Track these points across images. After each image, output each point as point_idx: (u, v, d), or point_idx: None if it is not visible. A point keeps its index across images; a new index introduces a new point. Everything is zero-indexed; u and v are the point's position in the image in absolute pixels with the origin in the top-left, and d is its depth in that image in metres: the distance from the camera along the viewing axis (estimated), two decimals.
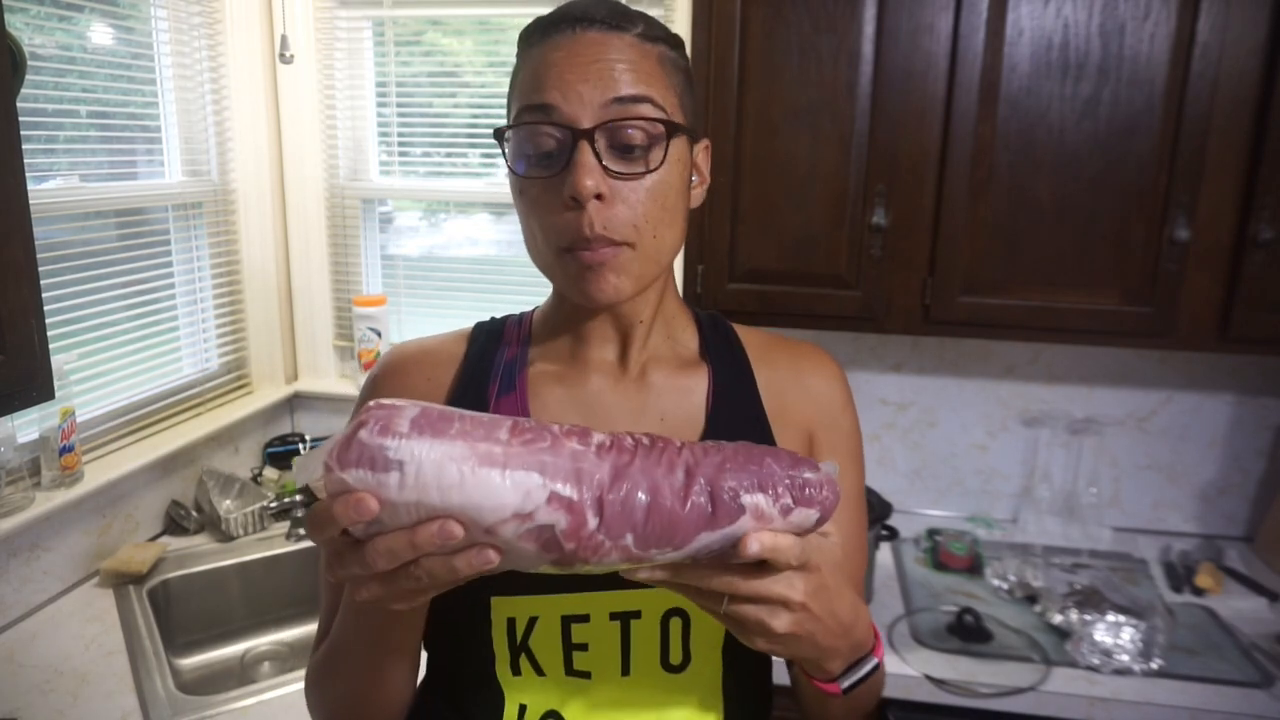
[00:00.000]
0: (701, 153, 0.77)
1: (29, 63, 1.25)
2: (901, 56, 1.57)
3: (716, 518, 0.54)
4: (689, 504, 0.54)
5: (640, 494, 0.53)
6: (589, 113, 0.67)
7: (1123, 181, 1.55)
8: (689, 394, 0.79)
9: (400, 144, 2.19)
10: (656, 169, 0.69)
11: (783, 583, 0.56)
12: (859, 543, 0.82)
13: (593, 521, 0.53)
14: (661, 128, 0.68)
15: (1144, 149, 1.53)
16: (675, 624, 0.73)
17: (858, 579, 0.83)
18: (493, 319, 0.85)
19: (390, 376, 0.79)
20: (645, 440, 0.57)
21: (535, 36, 0.72)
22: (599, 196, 0.66)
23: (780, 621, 0.57)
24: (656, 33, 0.72)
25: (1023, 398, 2.01)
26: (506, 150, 0.72)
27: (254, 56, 2.06)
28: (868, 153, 1.62)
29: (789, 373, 0.82)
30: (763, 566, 0.56)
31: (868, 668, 0.66)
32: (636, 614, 0.73)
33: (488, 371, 0.78)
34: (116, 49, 1.80)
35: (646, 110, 0.68)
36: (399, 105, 2.15)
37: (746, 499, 0.54)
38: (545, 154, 0.68)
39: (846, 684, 0.65)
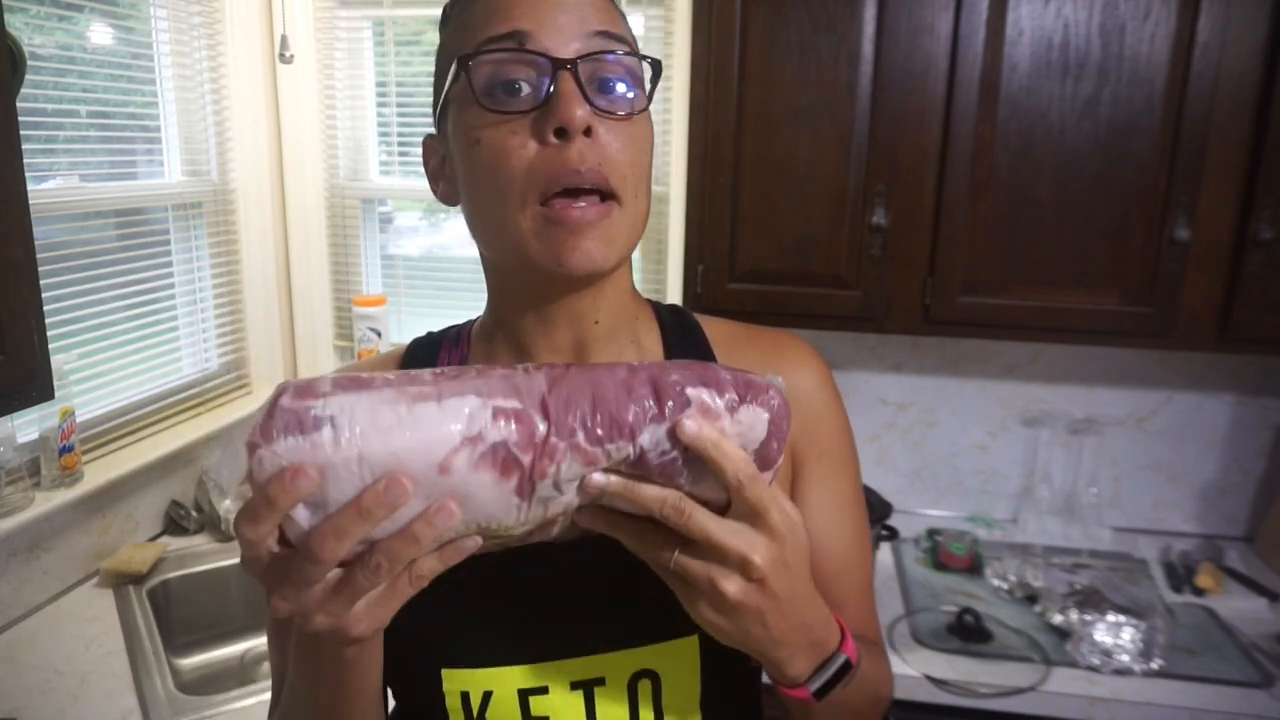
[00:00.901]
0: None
1: (29, 63, 1.25)
2: (901, 56, 1.57)
3: (661, 409, 0.50)
4: (632, 396, 0.50)
5: (583, 388, 0.50)
6: (568, 41, 0.58)
7: (1123, 181, 1.55)
8: None
9: (400, 144, 2.19)
10: (643, 110, 0.61)
11: (743, 537, 0.51)
12: (861, 547, 0.76)
13: (541, 425, 0.49)
14: (646, 67, 0.61)
15: (1144, 149, 1.53)
16: (644, 687, 0.66)
17: (864, 585, 0.76)
18: (430, 334, 0.77)
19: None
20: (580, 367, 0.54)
21: None
22: (587, 132, 0.57)
23: (732, 585, 0.51)
24: None
25: (1023, 398, 2.01)
26: (452, 89, 0.61)
27: (254, 56, 2.06)
28: (868, 153, 1.62)
29: (761, 371, 0.76)
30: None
31: (837, 664, 0.58)
32: (600, 680, 0.66)
33: None
34: (116, 49, 1.80)
35: (628, 50, 0.61)
36: (399, 105, 2.15)
37: (691, 391, 0.51)
38: (514, 89, 0.58)
39: (816, 685, 0.57)
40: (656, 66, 0.62)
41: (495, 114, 0.59)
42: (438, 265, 2.26)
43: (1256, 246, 1.52)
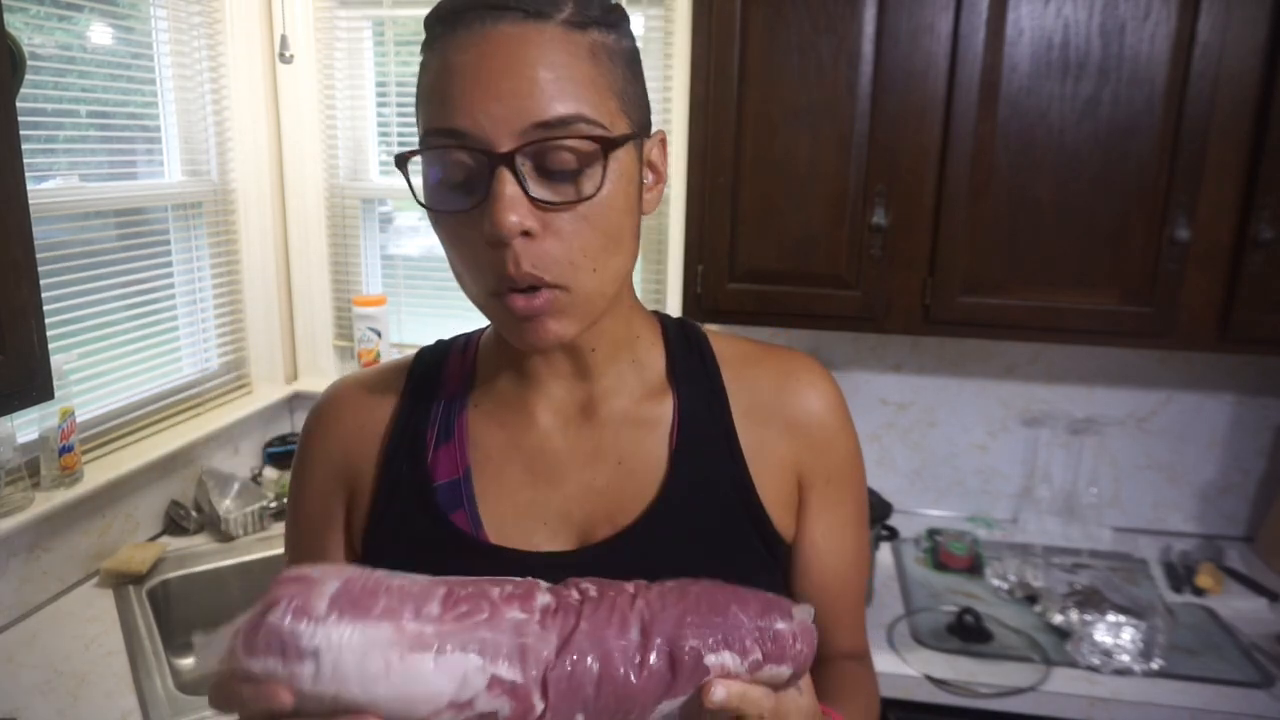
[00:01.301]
0: (656, 147, 0.65)
1: (29, 63, 1.25)
2: (901, 56, 1.57)
3: (676, 683, 0.48)
4: (645, 671, 0.48)
5: (590, 662, 0.48)
6: (506, 135, 0.55)
7: (1123, 181, 1.55)
8: (651, 430, 0.69)
9: (400, 144, 2.19)
10: (593, 195, 0.57)
11: None
12: (861, 566, 0.76)
13: (539, 705, 0.47)
14: (596, 146, 0.57)
15: (1144, 149, 1.53)
16: None
17: (860, 601, 0.78)
18: (439, 342, 0.76)
19: (325, 428, 0.73)
20: (593, 592, 0.51)
21: (438, 29, 0.59)
22: (526, 233, 0.56)
23: None
24: (589, 14, 0.58)
25: (1023, 398, 2.01)
26: (410, 176, 0.60)
27: (254, 56, 2.06)
28: (868, 153, 1.62)
29: (772, 395, 0.71)
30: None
31: None
32: None
33: (425, 416, 0.70)
34: (116, 49, 1.80)
35: (580, 129, 0.56)
36: (399, 105, 2.15)
37: (711, 658, 0.49)
38: (458, 181, 0.58)
39: None
40: (609, 144, 0.57)
41: (440, 212, 0.59)
42: (438, 265, 2.26)
43: (1256, 246, 1.52)
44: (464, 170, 0.57)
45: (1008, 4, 1.52)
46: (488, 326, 0.73)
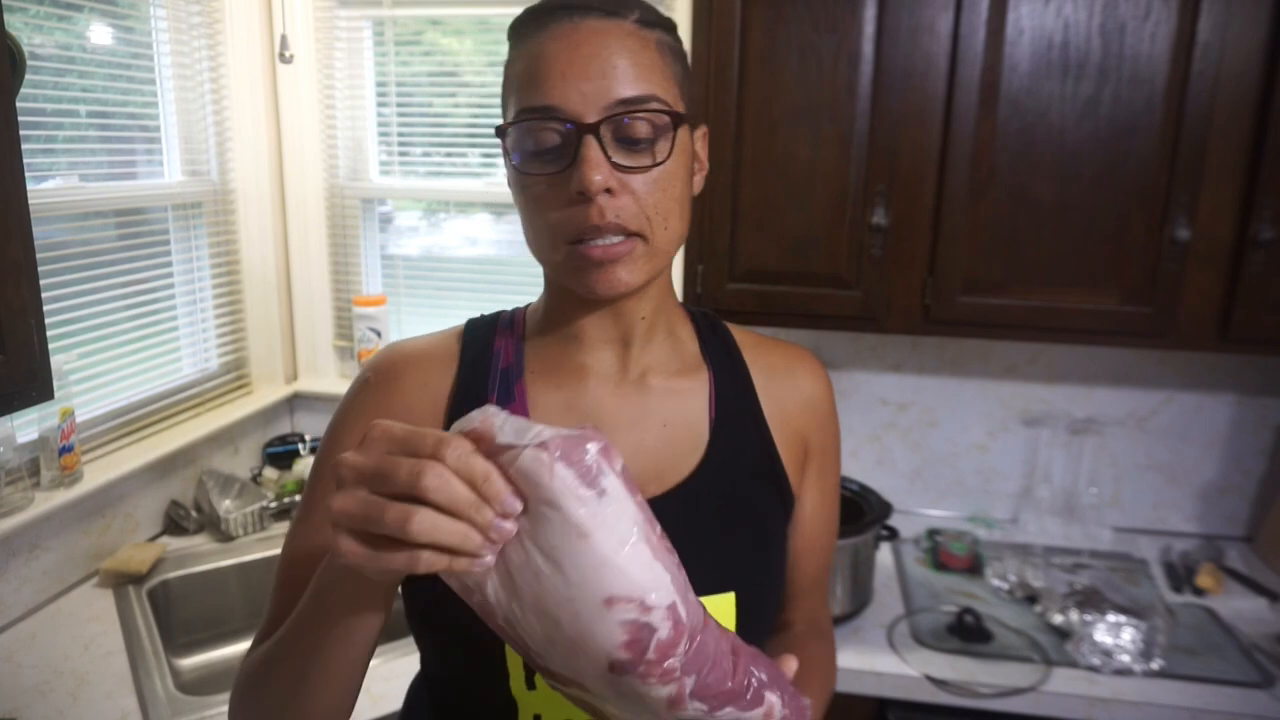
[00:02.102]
0: (700, 140, 0.76)
1: (29, 63, 1.25)
2: (902, 56, 1.57)
3: (748, 699, 0.57)
4: (737, 675, 0.56)
5: (713, 647, 0.55)
6: (593, 109, 0.65)
7: (1123, 181, 1.55)
8: (691, 398, 0.78)
9: (400, 144, 2.19)
10: (664, 161, 0.68)
11: None
12: (834, 535, 0.90)
13: (684, 649, 0.52)
14: (667, 119, 0.68)
15: (1144, 149, 1.53)
16: None
17: (828, 568, 0.90)
18: (483, 316, 0.82)
19: (386, 384, 0.76)
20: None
21: (530, 27, 0.69)
22: (608, 190, 0.66)
23: None
24: (652, 17, 0.70)
25: (1023, 398, 2.01)
26: (507, 144, 0.70)
27: (254, 56, 2.06)
28: (868, 153, 1.62)
29: (784, 376, 0.83)
30: None
31: None
32: None
33: (484, 379, 0.76)
34: (116, 49, 1.80)
35: (652, 106, 0.67)
36: (399, 105, 2.15)
37: (768, 694, 0.58)
38: (549, 149, 0.67)
39: None
40: (677, 118, 0.69)
41: (530, 176, 0.68)
42: (437, 265, 2.26)
43: (1256, 246, 1.52)
44: (554, 140, 0.66)
45: (1008, 4, 1.52)
46: (528, 304, 0.82)
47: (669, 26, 0.72)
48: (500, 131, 0.70)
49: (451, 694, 0.79)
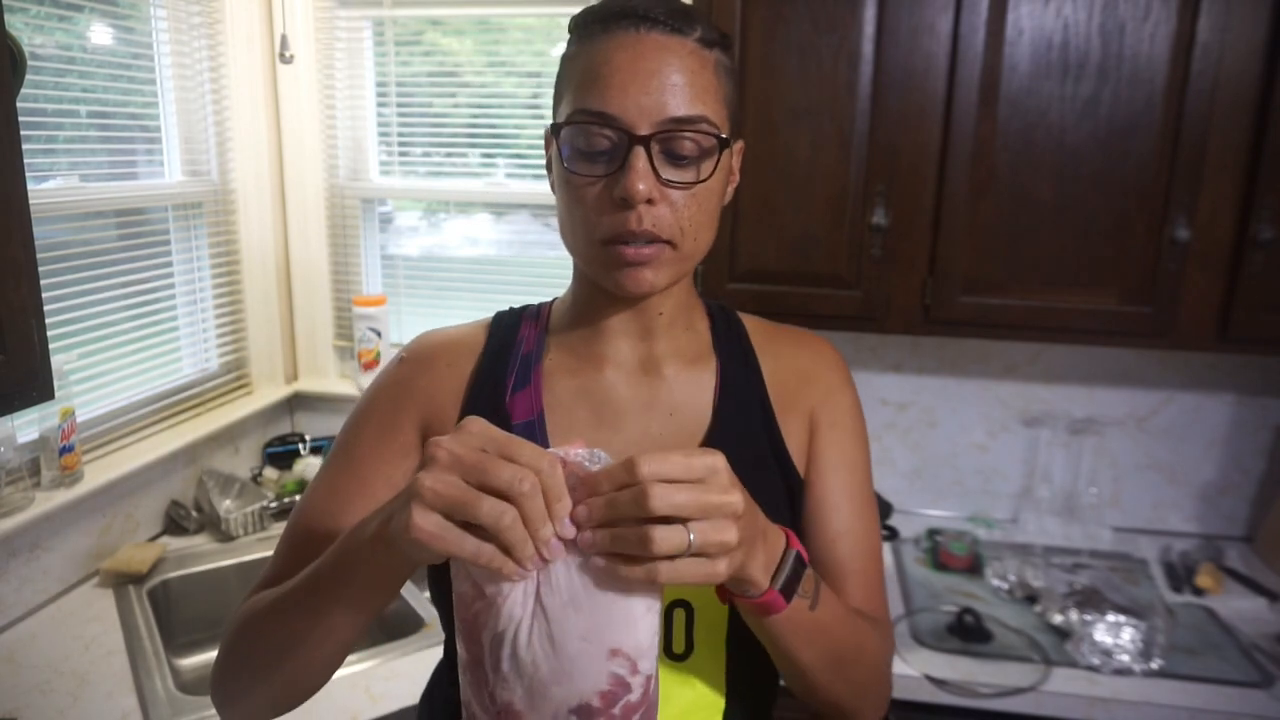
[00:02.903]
0: (736, 153, 0.79)
1: (29, 63, 1.25)
2: (902, 56, 1.57)
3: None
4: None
5: None
6: (646, 122, 0.68)
7: (1123, 181, 1.55)
8: (699, 387, 0.81)
9: (400, 144, 2.19)
10: (706, 179, 0.71)
11: (710, 489, 0.56)
12: (867, 511, 0.84)
13: (639, 715, 0.57)
14: (714, 141, 0.71)
15: (1144, 149, 1.53)
16: (679, 615, 0.75)
17: (870, 550, 0.84)
18: (511, 309, 0.87)
19: (417, 362, 0.82)
20: None
21: (595, 27, 0.72)
22: (649, 200, 0.69)
23: (731, 532, 0.56)
24: (712, 36, 0.73)
25: (1023, 398, 2.01)
26: (558, 140, 0.72)
27: (254, 56, 2.06)
28: (868, 153, 1.62)
29: (790, 360, 0.85)
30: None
31: (790, 560, 0.64)
32: None
33: (505, 364, 0.81)
34: (116, 49, 1.80)
35: (702, 127, 0.70)
36: (399, 105, 2.15)
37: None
38: (599, 151, 0.70)
39: (780, 583, 0.63)
40: (723, 142, 0.72)
41: (577, 176, 0.71)
42: (438, 265, 2.26)
43: (1256, 246, 1.52)
44: (604, 144, 0.70)
45: (1008, 4, 1.52)
46: (556, 298, 0.86)
47: (726, 45, 0.75)
48: (556, 129, 0.73)
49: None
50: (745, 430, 0.80)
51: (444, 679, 0.87)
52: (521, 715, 0.56)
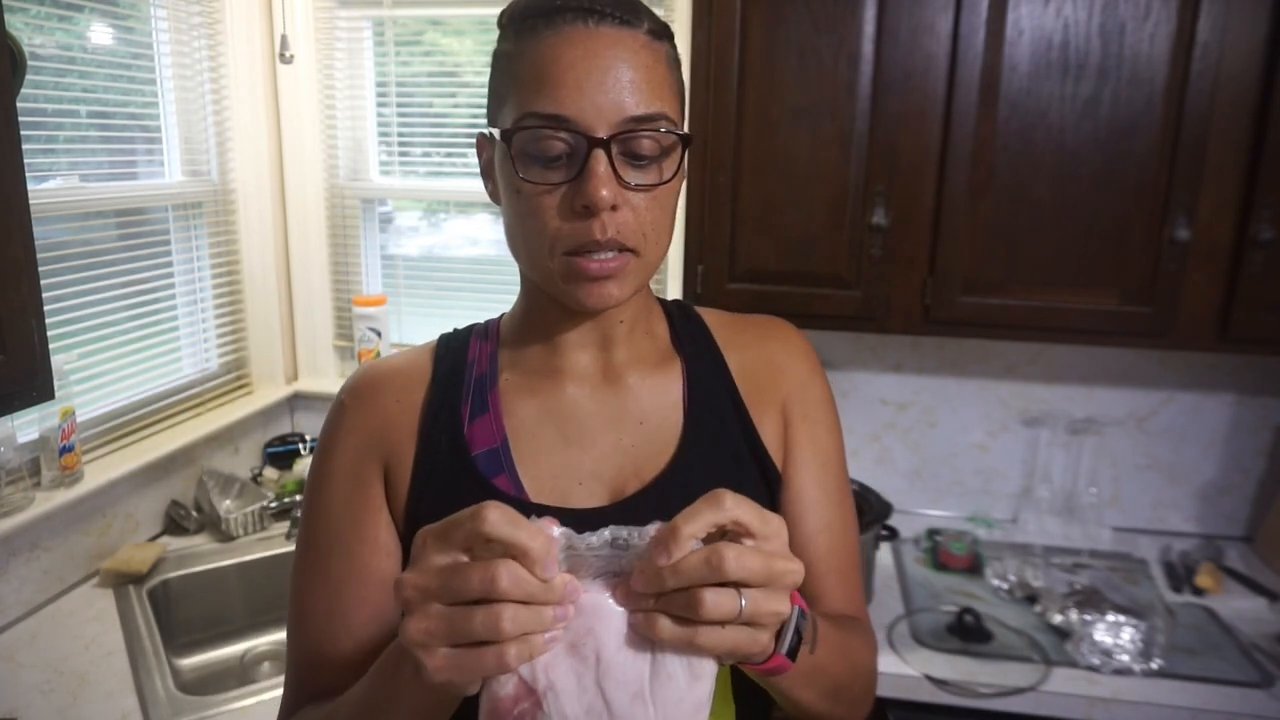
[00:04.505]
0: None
1: (29, 63, 1.25)
2: (901, 56, 1.57)
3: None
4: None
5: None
6: (605, 122, 0.64)
7: (1123, 181, 1.55)
8: (666, 391, 0.78)
9: (400, 144, 2.19)
10: (669, 180, 0.68)
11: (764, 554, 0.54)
12: (843, 506, 0.81)
13: None
14: (675, 140, 0.67)
15: (1144, 149, 1.53)
16: None
17: (847, 547, 0.81)
18: (455, 330, 0.82)
19: (361, 402, 0.76)
20: None
21: (537, 21, 0.66)
22: (613, 206, 0.65)
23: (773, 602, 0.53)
24: (660, 27, 0.69)
25: (1023, 398, 2.01)
26: (506, 147, 0.67)
27: (254, 56, 2.06)
28: (868, 153, 1.62)
29: (757, 352, 0.81)
30: None
31: (794, 619, 0.59)
32: None
33: (457, 390, 0.76)
34: (116, 49, 1.80)
35: (662, 126, 0.66)
36: (399, 105, 2.15)
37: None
38: (553, 157, 0.65)
39: (785, 647, 0.58)
40: (685, 140, 0.68)
41: (531, 184, 0.66)
42: (437, 265, 2.26)
43: (1256, 246, 1.52)
44: (560, 149, 0.65)
45: (1008, 4, 1.52)
46: (504, 313, 0.82)
47: (672, 37, 0.72)
48: (507, 135, 0.67)
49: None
50: (719, 429, 0.77)
51: None
52: None
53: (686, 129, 0.76)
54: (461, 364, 0.77)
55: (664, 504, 0.69)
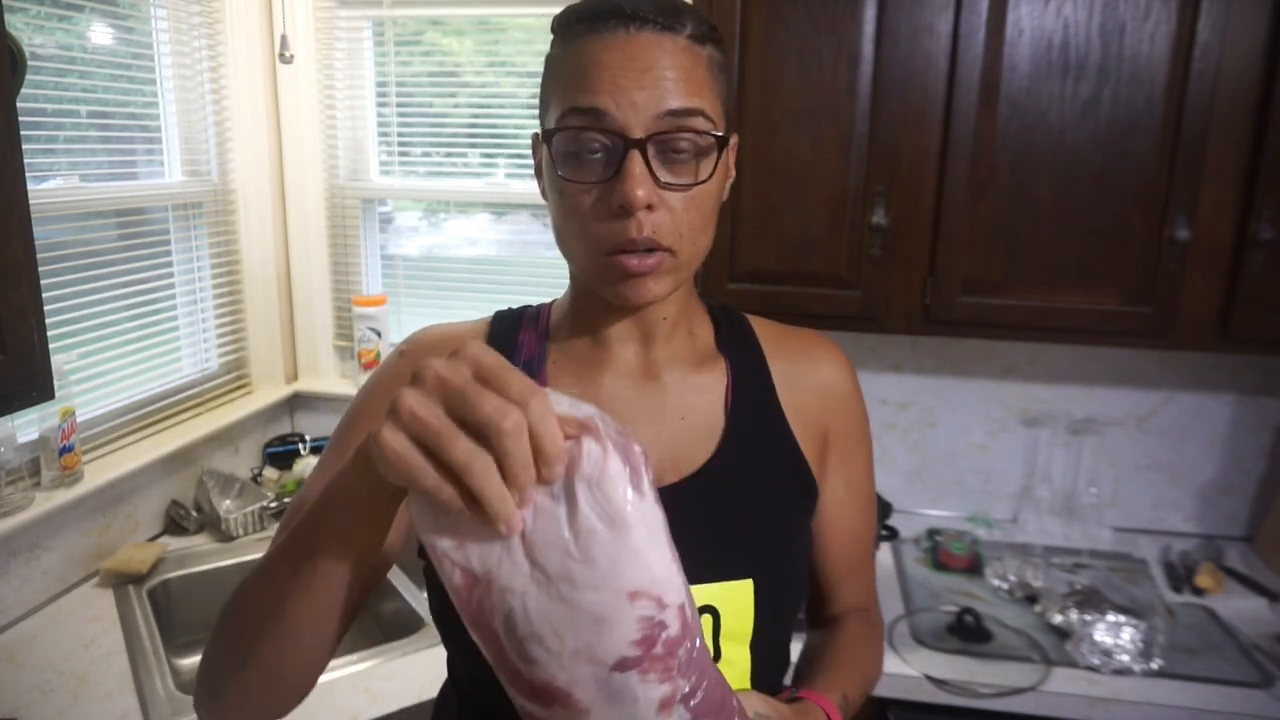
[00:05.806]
0: (731, 149, 0.77)
1: (29, 63, 1.25)
2: (901, 57, 1.57)
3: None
4: (725, 693, 0.58)
5: (707, 660, 0.57)
6: (641, 121, 0.66)
7: (1123, 181, 1.55)
8: (708, 391, 0.80)
9: (400, 144, 2.19)
10: (705, 180, 0.69)
11: None
12: (869, 519, 0.88)
13: (686, 646, 0.53)
14: (713, 140, 0.69)
15: (1144, 149, 1.53)
16: (705, 620, 0.74)
17: (868, 553, 0.91)
18: (510, 309, 0.85)
19: (419, 351, 0.79)
20: None
21: (580, 28, 0.69)
22: (649, 206, 0.67)
23: None
24: (703, 31, 0.71)
25: (1023, 398, 2.01)
26: (548, 147, 0.70)
27: (254, 56, 2.06)
28: (868, 153, 1.62)
29: (801, 365, 0.84)
30: None
31: None
32: None
33: None
34: (116, 49, 1.80)
35: (699, 123, 0.68)
36: (399, 105, 2.15)
37: None
38: (591, 156, 0.68)
39: None
40: (721, 141, 0.70)
41: (571, 183, 0.68)
42: (438, 265, 2.26)
43: (1256, 246, 1.52)
44: (598, 148, 0.67)
45: (1008, 4, 1.52)
46: (554, 300, 0.84)
47: (717, 40, 0.73)
48: (547, 137, 0.70)
49: (478, 695, 0.79)
50: (760, 431, 0.80)
51: (450, 702, 0.85)
52: (567, 690, 0.52)
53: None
54: (512, 344, 0.80)
55: (700, 496, 0.76)
